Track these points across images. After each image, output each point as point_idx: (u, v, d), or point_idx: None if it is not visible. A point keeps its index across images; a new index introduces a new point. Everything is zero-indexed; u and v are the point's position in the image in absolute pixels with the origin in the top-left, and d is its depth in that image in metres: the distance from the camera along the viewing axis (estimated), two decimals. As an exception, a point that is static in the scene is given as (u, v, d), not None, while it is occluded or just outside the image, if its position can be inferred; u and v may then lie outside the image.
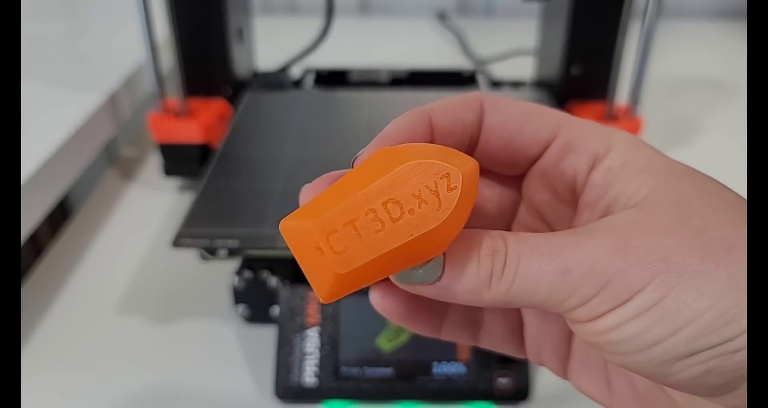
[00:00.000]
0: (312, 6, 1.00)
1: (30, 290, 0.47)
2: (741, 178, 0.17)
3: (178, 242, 0.38)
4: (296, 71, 0.66)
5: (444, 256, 0.17)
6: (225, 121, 0.56)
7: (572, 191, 0.20)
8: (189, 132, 0.53)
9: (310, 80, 0.65)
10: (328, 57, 0.68)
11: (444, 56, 0.86)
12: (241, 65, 0.60)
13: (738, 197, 0.17)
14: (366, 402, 0.38)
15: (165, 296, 0.46)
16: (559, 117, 0.20)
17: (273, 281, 0.41)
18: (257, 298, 0.42)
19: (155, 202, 0.57)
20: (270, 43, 0.72)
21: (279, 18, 1.00)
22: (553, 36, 0.57)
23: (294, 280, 0.41)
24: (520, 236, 0.17)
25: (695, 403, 0.18)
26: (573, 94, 0.56)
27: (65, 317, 0.45)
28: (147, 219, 0.54)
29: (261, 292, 0.42)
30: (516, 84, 0.64)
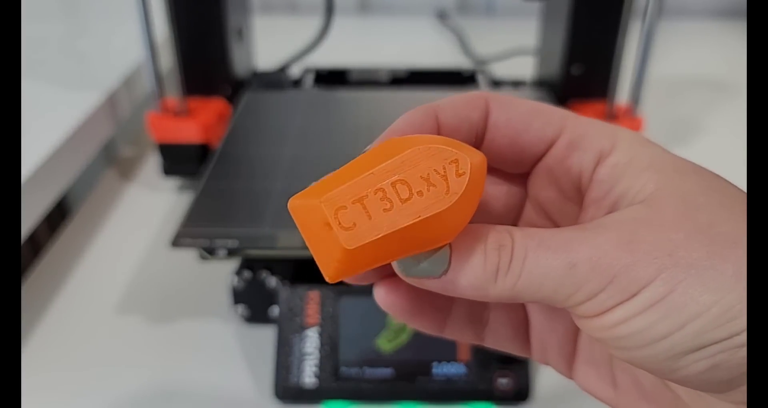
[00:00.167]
0: (311, 5, 1.00)
1: (29, 290, 0.47)
2: (741, 178, 0.17)
3: (178, 242, 0.37)
4: (296, 71, 0.66)
5: (450, 250, 0.17)
6: (224, 121, 0.55)
7: (578, 188, 0.20)
8: (188, 132, 0.53)
9: (310, 80, 0.65)
10: (328, 56, 0.68)
11: (444, 55, 0.86)
12: (241, 65, 0.60)
13: (743, 193, 0.17)
14: (366, 402, 0.38)
15: (164, 296, 0.46)
16: (564, 115, 0.20)
17: (272, 281, 0.41)
18: (256, 299, 0.42)
19: (154, 202, 0.57)
20: (269, 43, 0.72)
21: (278, 17, 1.00)
22: (554, 35, 0.57)
23: (293, 281, 0.40)
24: (527, 231, 0.17)
25: (701, 400, 0.18)
26: (573, 94, 0.56)
27: (64, 317, 0.45)
28: (146, 219, 0.54)
29: (260, 293, 0.42)
30: (516, 83, 0.64)
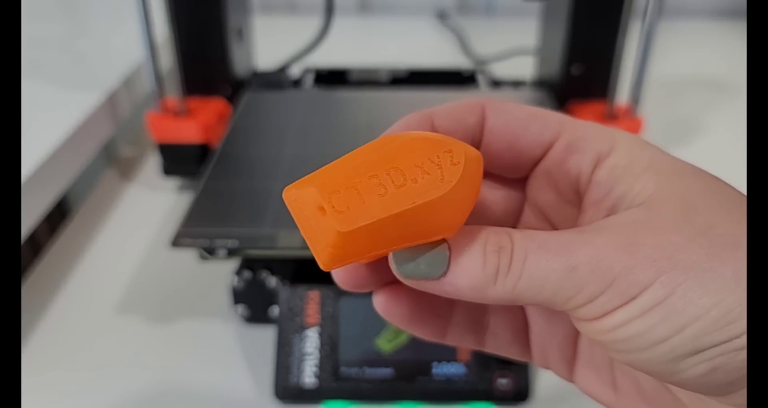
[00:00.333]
0: (311, 5, 1.00)
1: (29, 290, 0.47)
2: (741, 178, 0.17)
3: (178, 242, 0.37)
4: (296, 70, 0.66)
5: (449, 252, 0.17)
6: (224, 121, 0.55)
7: (576, 191, 0.20)
8: (188, 131, 0.53)
9: (310, 79, 0.65)
10: (328, 56, 0.68)
11: (444, 55, 0.86)
12: (241, 64, 0.60)
13: (742, 196, 0.17)
14: (366, 402, 0.38)
15: (164, 296, 0.46)
16: (561, 118, 0.20)
17: (272, 281, 0.41)
18: (256, 299, 0.42)
19: (154, 202, 0.57)
20: (269, 43, 0.72)
21: (278, 17, 1.00)
22: (554, 35, 0.57)
23: (293, 281, 0.40)
24: (527, 233, 0.17)
25: (701, 403, 0.18)
26: (573, 94, 0.56)
27: (64, 317, 0.44)
28: (146, 219, 0.54)
29: (260, 293, 0.42)
30: (516, 83, 0.64)
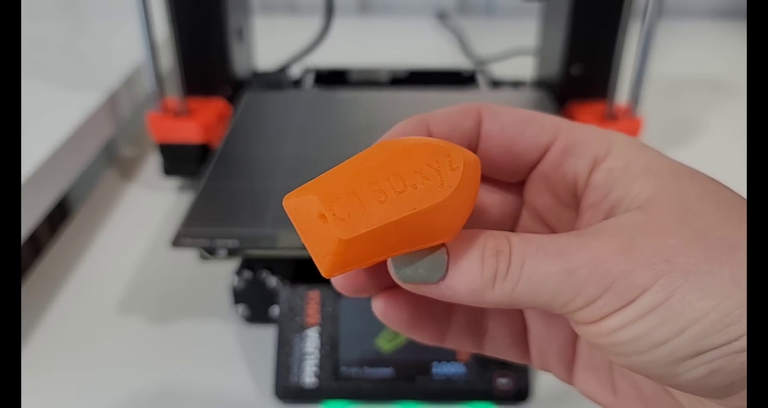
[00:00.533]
0: (311, 5, 1.00)
1: (29, 290, 0.47)
2: (741, 178, 0.17)
3: (178, 242, 0.38)
4: (296, 71, 0.66)
5: (447, 256, 0.17)
6: (224, 121, 0.56)
7: (573, 194, 0.20)
8: (188, 132, 0.53)
9: (310, 80, 0.65)
10: (328, 56, 0.68)
11: (444, 56, 0.86)
12: (241, 65, 0.60)
13: (740, 198, 0.17)
14: (366, 402, 0.38)
15: (164, 296, 0.46)
16: (558, 121, 0.20)
17: (272, 281, 0.41)
18: (257, 298, 0.42)
19: (155, 202, 0.57)
20: (269, 43, 0.72)
21: (278, 17, 1.00)
22: (553, 36, 0.57)
23: (294, 280, 0.40)
24: (525, 237, 0.17)
25: (701, 406, 0.18)
26: (573, 94, 0.56)
27: (65, 317, 0.45)
28: (146, 219, 0.54)
29: (260, 292, 0.42)
30: (516, 84, 0.64)
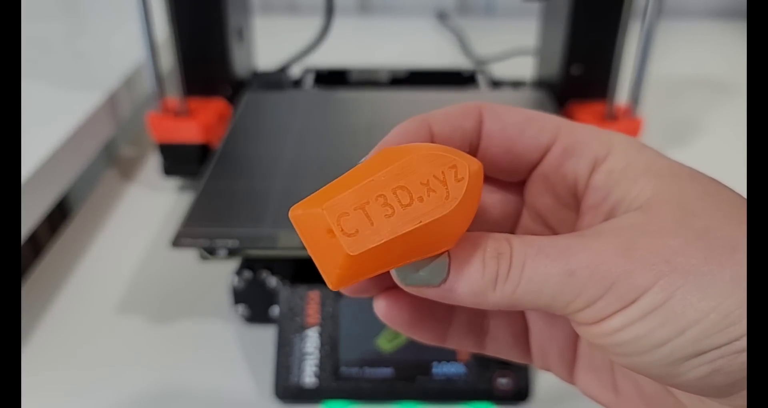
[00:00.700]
0: (312, 5, 1.00)
1: (29, 290, 0.47)
2: (741, 178, 0.17)
3: (178, 242, 0.38)
4: (296, 71, 0.66)
5: (449, 258, 0.17)
6: (224, 121, 0.56)
7: (574, 195, 0.20)
8: (188, 132, 0.53)
9: (310, 80, 0.65)
10: (328, 57, 0.68)
11: (444, 56, 0.86)
12: (241, 65, 0.60)
13: (740, 198, 0.17)
14: (366, 402, 0.38)
15: (164, 296, 0.46)
16: (558, 121, 0.20)
17: (273, 281, 0.41)
18: (257, 298, 0.42)
19: (155, 202, 0.57)
20: (270, 43, 0.72)
21: (279, 17, 1.00)
22: (553, 36, 0.57)
23: (294, 280, 0.40)
24: (525, 239, 0.17)
25: (702, 405, 0.18)
26: (573, 94, 0.56)
27: (65, 317, 0.45)
28: (146, 219, 0.54)
29: (261, 292, 0.42)
30: (516, 84, 0.64)
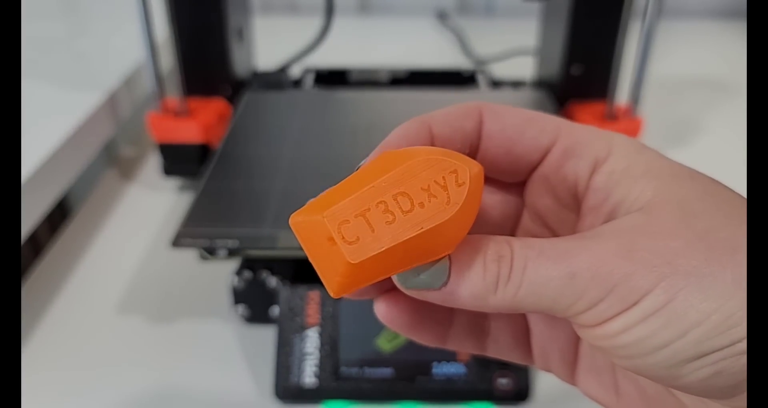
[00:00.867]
0: (312, 5, 1.00)
1: (29, 290, 0.47)
2: (741, 178, 0.17)
3: (178, 242, 0.38)
4: (296, 71, 0.66)
5: (450, 262, 0.17)
6: (224, 121, 0.56)
7: (574, 196, 0.20)
8: (188, 132, 0.53)
9: (310, 80, 0.65)
10: (328, 57, 0.68)
11: (444, 56, 0.86)
12: (241, 65, 0.60)
13: (741, 198, 0.17)
14: (366, 402, 0.38)
15: (164, 296, 0.46)
16: (558, 122, 0.20)
17: (272, 281, 0.41)
18: (257, 299, 0.42)
19: (155, 202, 0.57)
20: (270, 43, 0.72)
21: (279, 17, 1.00)
22: (554, 36, 0.57)
23: (294, 281, 0.40)
24: (526, 241, 0.17)
25: (704, 407, 0.18)
26: (573, 94, 0.56)
27: (64, 317, 0.45)
28: (146, 219, 0.54)
29: (260, 293, 0.42)
30: (516, 84, 0.64)
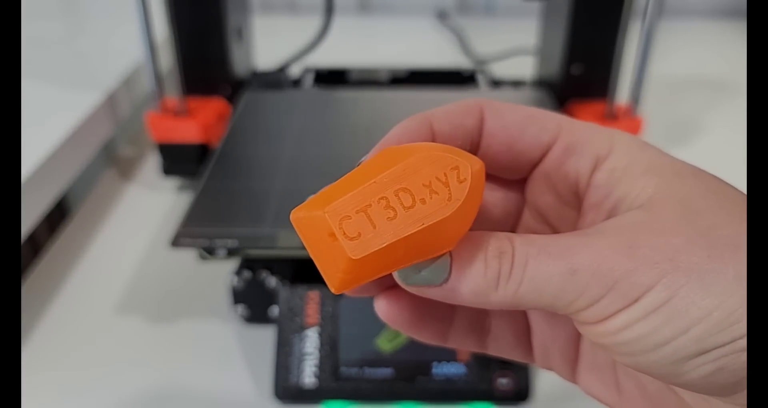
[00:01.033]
0: (311, 5, 1.00)
1: (29, 290, 0.47)
2: (742, 178, 0.17)
3: (177, 242, 0.37)
4: (295, 70, 0.66)
5: (451, 258, 0.17)
6: (224, 121, 0.55)
7: (575, 193, 0.20)
8: (188, 131, 0.53)
9: (310, 79, 0.65)
10: (328, 56, 0.68)
11: (444, 55, 0.86)
12: (240, 64, 0.60)
13: (742, 196, 0.17)
14: (366, 402, 0.38)
15: (164, 296, 0.46)
16: (560, 120, 0.20)
17: (272, 281, 0.41)
18: (256, 299, 0.42)
19: (154, 202, 0.57)
20: (269, 42, 0.72)
21: (278, 17, 1.00)
22: (554, 35, 0.57)
23: (293, 281, 0.40)
24: (528, 238, 0.17)
25: (706, 404, 0.18)
26: (573, 94, 0.56)
27: (64, 317, 0.44)
28: (146, 219, 0.54)
29: (260, 293, 0.42)
30: (516, 83, 0.64)
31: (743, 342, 0.15)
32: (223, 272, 0.47)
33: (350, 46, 0.84)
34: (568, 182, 0.20)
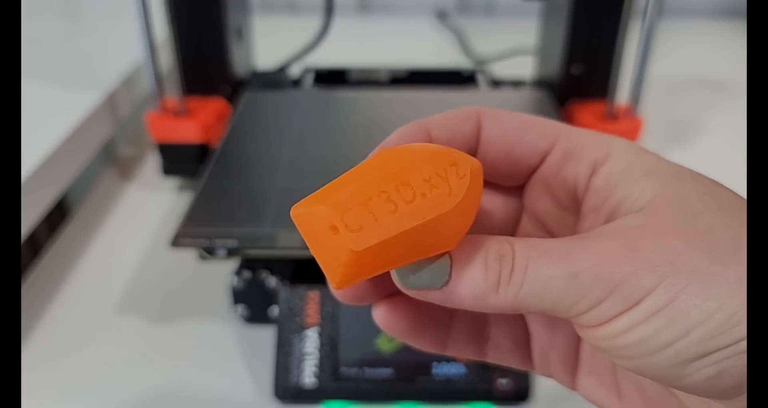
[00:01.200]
0: (311, 5, 1.00)
1: (28, 290, 0.47)
2: (742, 178, 0.17)
3: (177, 242, 0.37)
4: (295, 70, 0.66)
5: (451, 261, 0.17)
6: (224, 121, 0.55)
7: (574, 198, 0.20)
8: (188, 131, 0.53)
9: (310, 79, 0.65)
10: (328, 56, 0.68)
11: (444, 55, 0.86)
12: (240, 64, 0.60)
13: (741, 199, 0.17)
14: (366, 402, 0.38)
15: (164, 296, 0.46)
16: (557, 126, 0.20)
17: (272, 281, 0.41)
18: (256, 299, 0.42)
19: (154, 202, 0.57)
20: (269, 42, 0.72)
21: (278, 17, 1.00)
22: (554, 35, 0.57)
23: (293, 281, 0.40)
24: (528, 241, 0.17)
25: (706, 407, 0.18)
26: (573, 94, 0.56)
27: (64, 317, 0.44)
28: (145, 219, 0.54)
29: (260, 293, 0.42)
30: (516, 83, 0.64)
31: (744, 344, 0.15)
32: (223, 272, 0.47)
33: (350, 46, 0.84)
34: (567, 187, 0.20)
